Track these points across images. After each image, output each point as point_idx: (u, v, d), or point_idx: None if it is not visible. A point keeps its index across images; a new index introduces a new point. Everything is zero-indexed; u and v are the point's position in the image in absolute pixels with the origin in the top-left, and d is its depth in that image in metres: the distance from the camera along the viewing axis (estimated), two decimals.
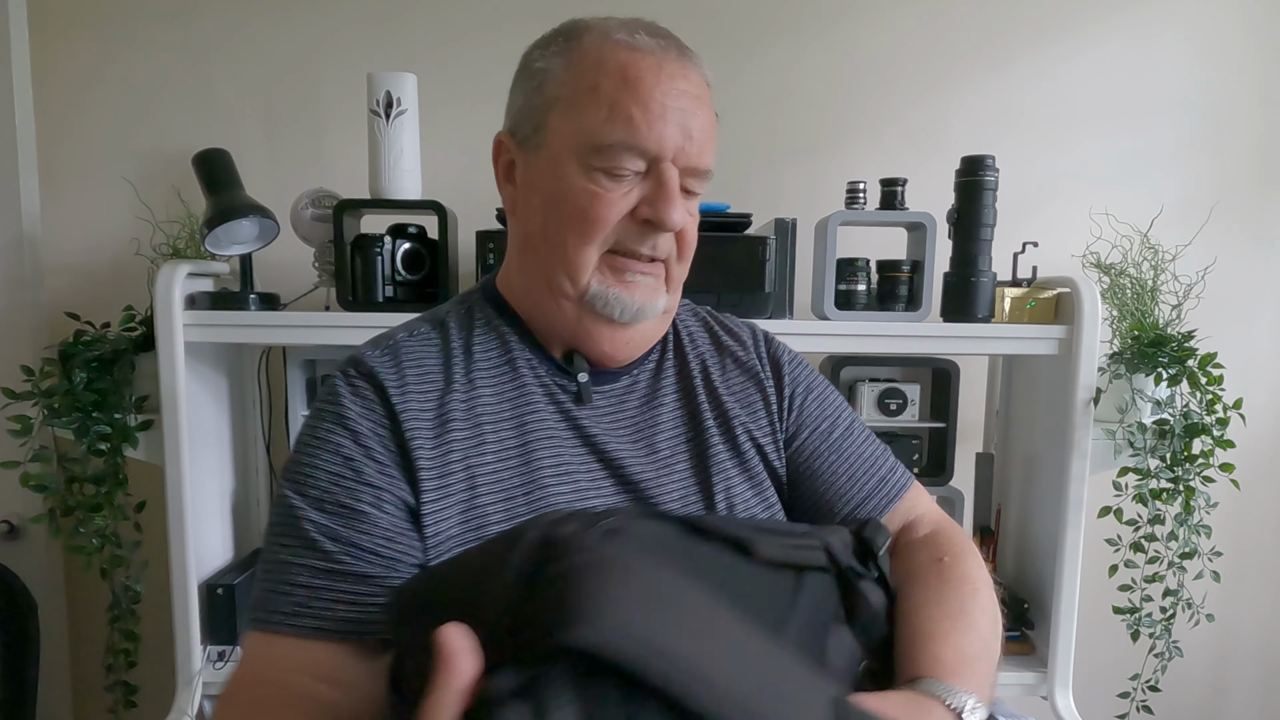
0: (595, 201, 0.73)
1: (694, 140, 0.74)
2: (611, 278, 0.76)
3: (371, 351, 0.78)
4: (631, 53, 0.73)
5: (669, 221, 0.74)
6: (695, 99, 0.74)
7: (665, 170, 0.73)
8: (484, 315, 0.82)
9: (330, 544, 0.70)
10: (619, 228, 0.75)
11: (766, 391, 0.87)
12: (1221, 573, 1.58)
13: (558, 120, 0.75)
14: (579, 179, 0.74)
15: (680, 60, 0.75)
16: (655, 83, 0.72)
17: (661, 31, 0.76)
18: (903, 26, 1.80)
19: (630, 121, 0.72)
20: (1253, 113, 1.81)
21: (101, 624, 1.64)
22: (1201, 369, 1.46)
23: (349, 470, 0.72)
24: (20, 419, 1.48)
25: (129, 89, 1.77)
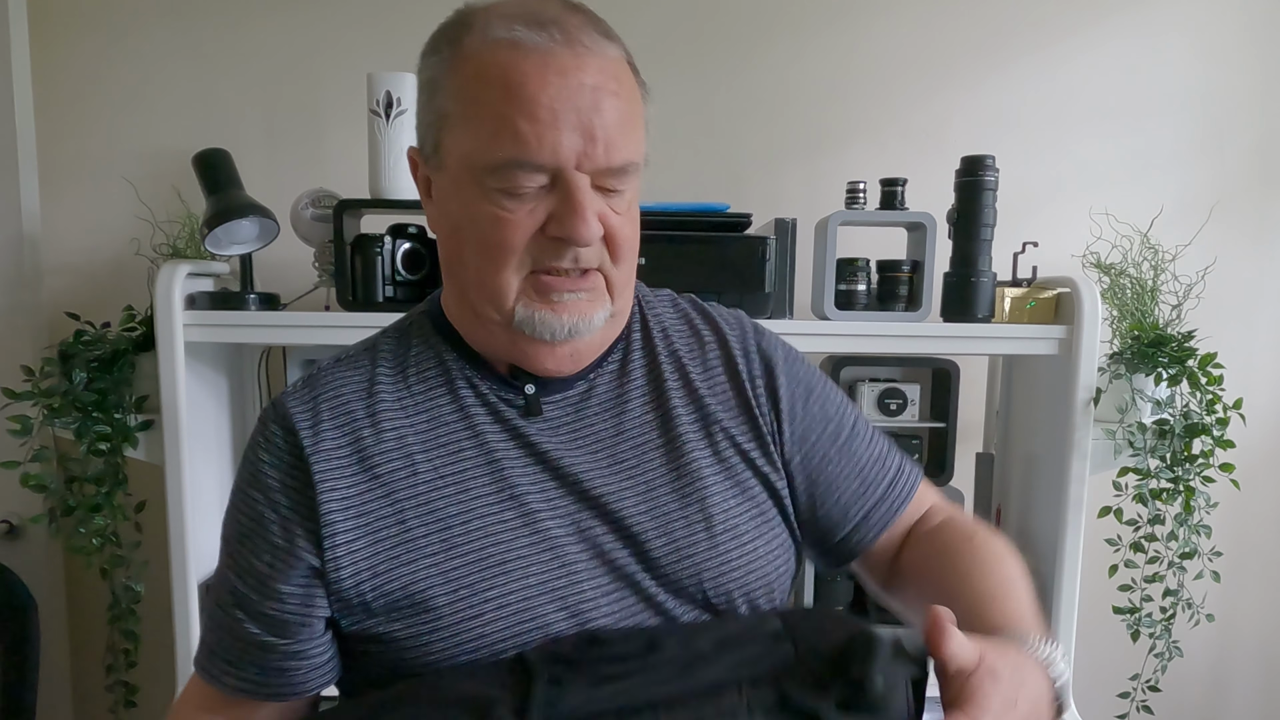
0: (499, 226, 0.67)
1: (598, 140, 0.65)
2: (538, 300, 0.69)
3: (292, 390, 0.75)
4: (512, 53, 0.65)
5: (579, 237, 0.66)
6: (594, 90, 0.65)
7: (570, 180, 0.65)
8: (421, 335, 0.77)
9: (239, 611, 0.72)
10: (532, 247, 0.67)
11: (756, 389, 0.79)
12: (1221, 573, 1.58)
13: (450, 139, 0.69)
14: (479, 202, 0.67)
15: (571, 49, 0.65)
16: (541, 86, 0.64)
17: (549, 17, 0.66)
18: (903, 26, 1.80)
19: (517, 136, 0.64)
20: (1253, 113, 1.81)
21: (101, 624, 1.64)
22: (1201, 369, 1.46)
23: (257, 526, 0.72)
24: (20, 419, 1.48)
25: (129, 89, 1.77)
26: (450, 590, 0.69)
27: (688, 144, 1.77)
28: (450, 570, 0.69)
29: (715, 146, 1.80)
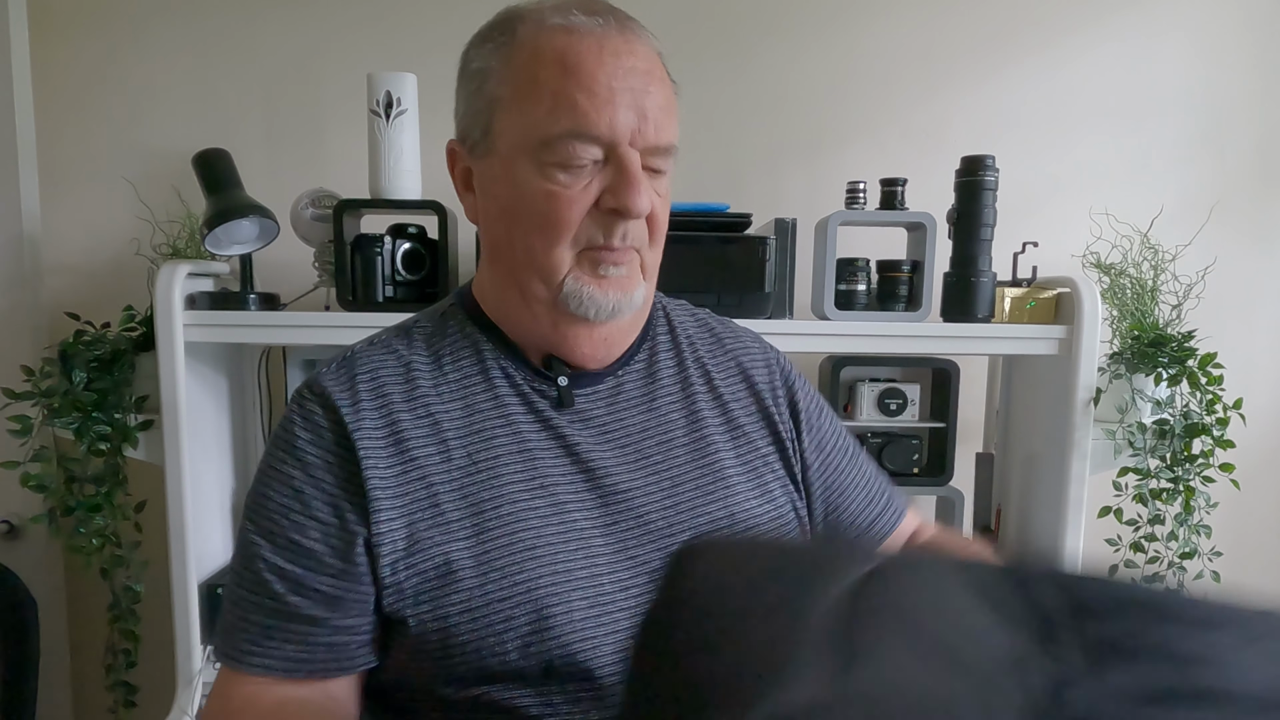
0: (555, 201, 0.69)
1: (649, 118, 0.69)
2: (587, 275, 0.72)
3: (327, 370, 0.75)
4: (568, 36, 0.68)
5: (635, 208, 0.69)
6: (645, 74, 0.69)
7: (624, 155, 0.69)
8: (458, 323, 0.79)
9: (279, 584, 0.70)
10: (586, 223, 0.70)
11: (778, 398, 0.84)
12: (1221, 573, 1.58)
13: (503, 121, 0.71)
14: (535, 179, 0.70)
15: (623, 34, 0.70)
16: (598, 64, 0.67)
17: (600, 7, 0.70)
18: (903, 27, 1.80)
19: (576, 109, 0.67)
20: (1253, 113, 1.81)
21: (101, 624, 1.64)
22: (1201, 369, 1.46)
23: (298, 504, 0.71)
24: (20, 419, 1.48)
25: (129, 89, 1.77)
26: (480, 573, 0.70)
27: (688, 144, 1.76)
28: (481, 553, 0.70)
29: (715, 146, 1.80)
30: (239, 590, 0.72)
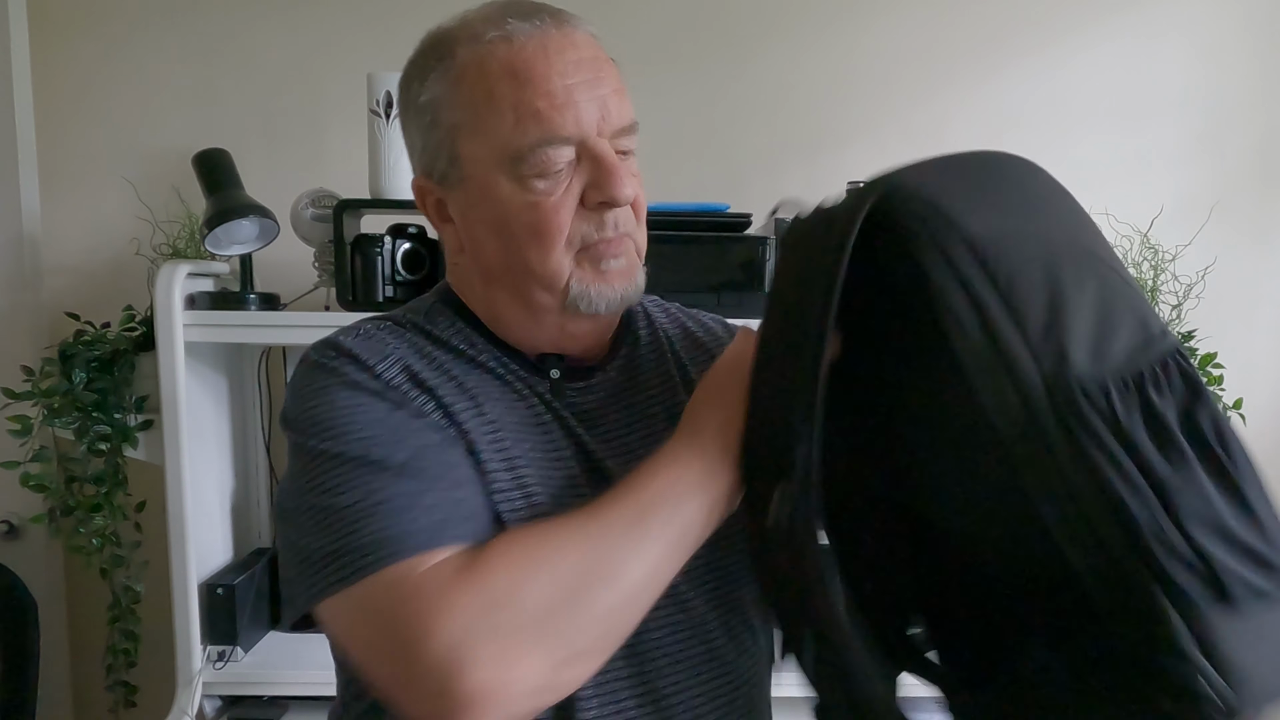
0: (541, 210, 0.69)
1: (609, 105, 0.69)
2: (590, 274, 0.72)
3: (344, 337, 0.74)
4: (509, 45, 0.68)
5: (622, 195, 0.69)
6: (592, 61, 0.69)
7: (596, 147, 0.69)
8: (447, 319, 0.78)
9: (419, 460, 0.66)
10: (576, 223, 0.70)
11: None
12: None
13: (469, 146, 0.70)
14: (516, 194, 0.69)
15: (560, 29, 0.69)
16: (548, 66, 0.67)
17: (529, 9, 0.70)
18: (903, 27, 1.80)
19: (539, 116, 0.67)
20: (1253, 113, 1.81)
21: (101, 624, 1.64)
22: (1201, 369, 1.46)
23: (391, 417, 0.68)
24: (20, 419, 1.48)
25: (129, 89, 1.77)
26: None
27: (688, 144, 1.77)
28: (527, 519, 0.70)
29: (715, 146, 1.80)
30: (374, 498, 0.63)
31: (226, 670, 1.52)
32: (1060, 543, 0.55)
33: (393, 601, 0.59)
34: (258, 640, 1.62)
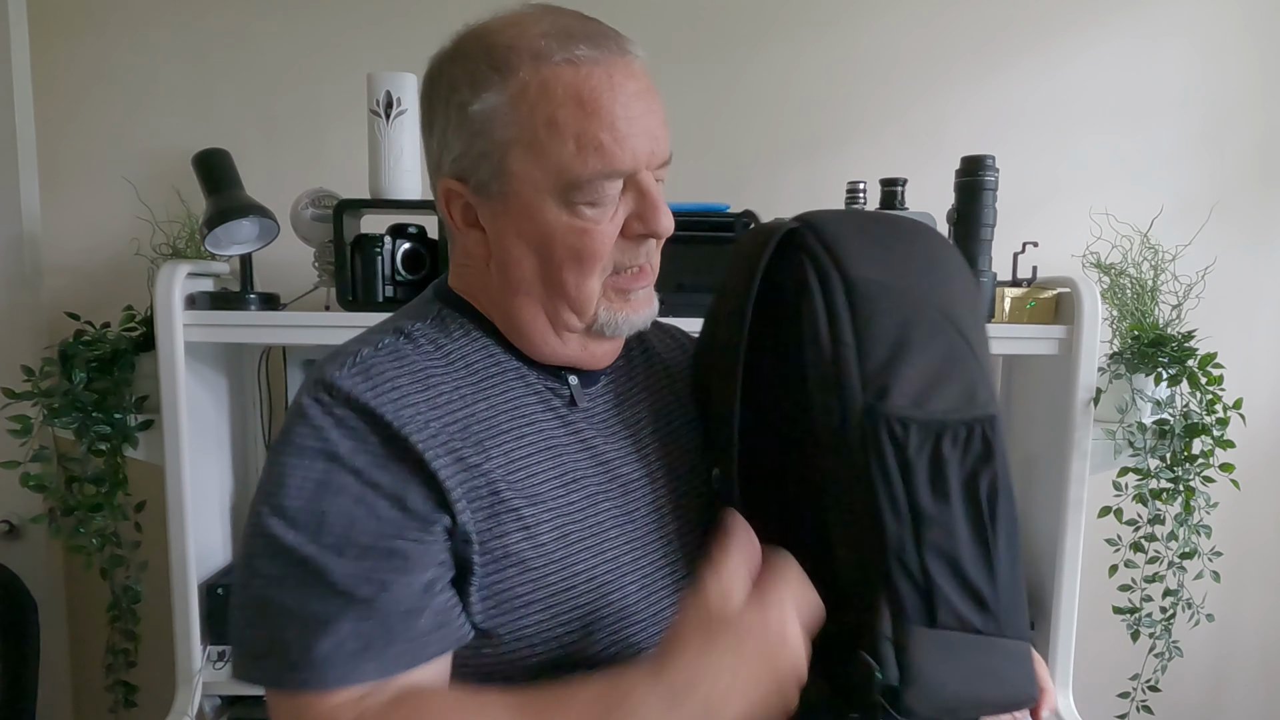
0: (587, 237, 0.70)
1: (658, 139, 0.71)
2: (618, 301, 0.74)
3: (340, 373, 0.69)
4: (575, 70, 0.68)
5: (664, 229, 0.72)
6: (647, 93, 0.71)
7: (644, 180, 0.71)
8: (461, 326, 0.76)
9: (366, 589, 0.64)
10: (614, 251, 0.72)
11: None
12: (1221, 573, 1.58)
13: (519, 164, 0.69)
14: (562, 217, 0.70)
15: (622, 57, 0.70)
16: (613, 99, 0.68)
17: (595, 31, 0.70)
18: (903, 26, 1.80)
19: (603, 150, 0.68)
20: (1253, 113, 1.81)
21: (101, 624, 1.64)
22: (1201, 369, 1.46)
23: (368, 514, 0.66)
24: (20, 419, 1.48)
25: (129, 89, 1.77)
26: (539, 565, 0.71)
27: (688, 144, 1.76)
28: (536, 545, 0.71)
29: (715, 146, 1.80)
30: (304, 612, 0.64)
31: (226, 670, 1.52)
32: (833, 538, 0.70)
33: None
34: None
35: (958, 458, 0.67)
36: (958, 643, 0.68)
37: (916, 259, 0.73)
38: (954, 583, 0.67)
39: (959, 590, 0.67)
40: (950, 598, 0.67)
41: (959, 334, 0.71)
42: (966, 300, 0.74)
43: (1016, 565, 0.70)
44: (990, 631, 0.68)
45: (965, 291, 0.74)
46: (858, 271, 0.69)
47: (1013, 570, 0.69)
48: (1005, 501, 0.68)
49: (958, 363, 0.70)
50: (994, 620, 0.68)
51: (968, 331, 0.72)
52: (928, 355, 0.68)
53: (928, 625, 0.68)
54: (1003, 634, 0.69)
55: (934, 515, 0.66)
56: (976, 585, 0.67)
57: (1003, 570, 0.68)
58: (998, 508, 0.68)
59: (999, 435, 0.68)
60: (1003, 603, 0.68)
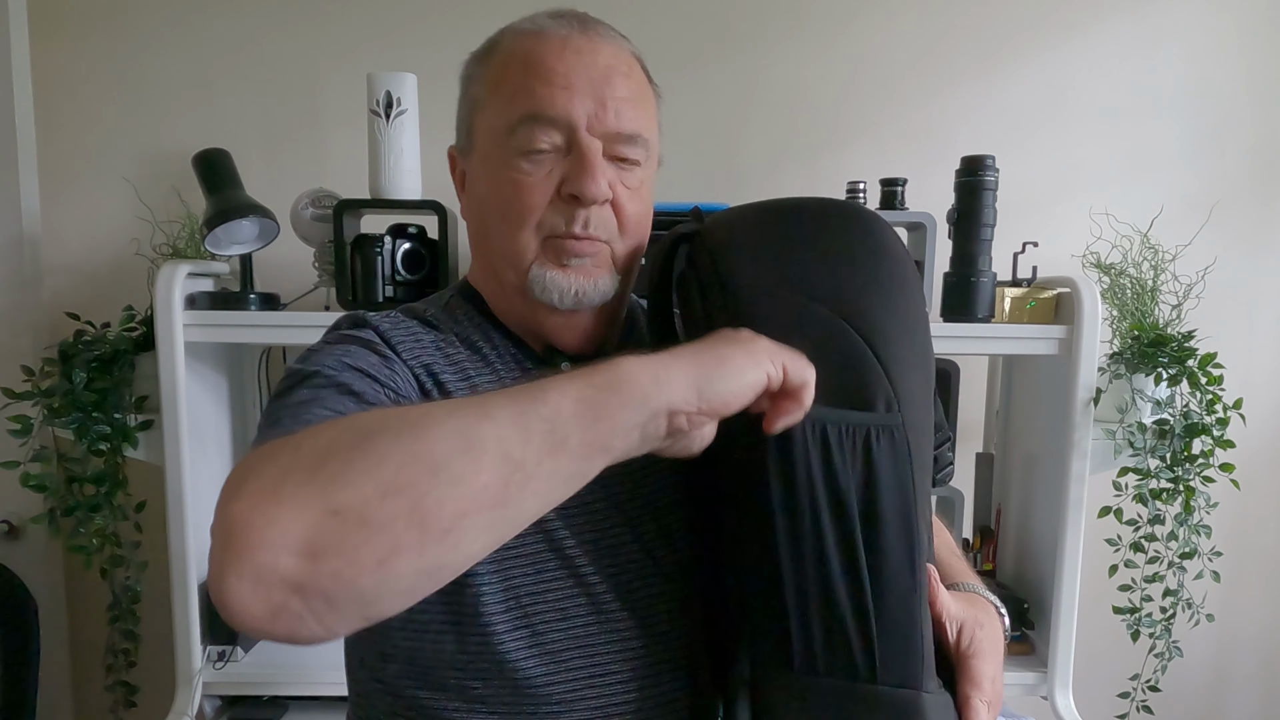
0: (518, 188, 0.72)
1: (608, 106, 0.72)
2: (550, 261, 0.74)
3: (372, 313, 0.77)
4: (535, 39, 0.74)
5: (589, 192, 0.71)
6: (606, 67, 0.73)
7: (582, 140, 0.71)
8: (466, 314, 0.81)
9: (343, 375, 0.66)
10: (549, 210, 0.73)
11: None
12: (1221, 573, 1.58)
13: (480, 120, 0.76)
14: (502, 169, 0.73)
15: (586, 35, 0.74)
16: (558, 59, 0.72)
17: (568, 14, 0.75)
18: (904, 27, 1.80)
19: (533, 94, 0.71)
20: (1252, 113, 1.81)
21: (101, 624, 1.64)
22: (1201, 369, 1.46)
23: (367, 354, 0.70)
24: (20, 419, 1.48)
25: (129, 89, 1.77)
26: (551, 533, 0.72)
27: (689, 144, 1.77)
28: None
29: (716, 146, 1.80)
30: (278, 410, 0.63)
31: (226, 670, 1.53)
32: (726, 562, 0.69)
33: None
34: (257, 640, 1.62)
35: (821, 471, 0.61)
36: (818, 691, 0.61)
37: (816, 256, 0.68)
38: (819, 620, 0.61)
39: (824, 629, 0.61)
40: (812, 637, 0.61)
41: (855, 332, 0.64)
42: (878, 293, 0.66)
43: (914, 602, 0.62)
44: (862, 679, 0.61)
45: (878, 284, 0.67)
46: (737, 277, 0.67)
47: (907, 607, 0.62)
48: (896, 526, 0.61)
49: (846, 355, 0.64)
50: (870, 666, 0.61)
51: (869, 327, 0.65)
52: (811, 359, 0.61)
53: (784, 668, 0.62)
54: (878, 682, 0.61)
55: (796, 537, 0.61)
56: (845, 624, 0.61)
57: (888, 607, 0.61)
58: (881, 532, 0.61)
59: (886, 447, 0.62)
60: (884, 646, 0.61)
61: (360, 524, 0.45)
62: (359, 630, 0.50)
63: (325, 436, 0.50)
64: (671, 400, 0.54)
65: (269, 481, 0.47)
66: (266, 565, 0.45)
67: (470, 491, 0.48)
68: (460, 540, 0.48)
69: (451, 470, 0.47)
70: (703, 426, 0.57)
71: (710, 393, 0.55)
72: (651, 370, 0.54)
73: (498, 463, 0.48)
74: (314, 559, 0.45)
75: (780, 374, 0.57)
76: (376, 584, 0.46)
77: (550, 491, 0.52)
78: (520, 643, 0.70)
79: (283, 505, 0.46)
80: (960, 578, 0.79)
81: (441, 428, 0.49)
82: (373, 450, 0.48)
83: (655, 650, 0.73)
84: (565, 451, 0.51)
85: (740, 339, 0.59)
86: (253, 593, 0.45)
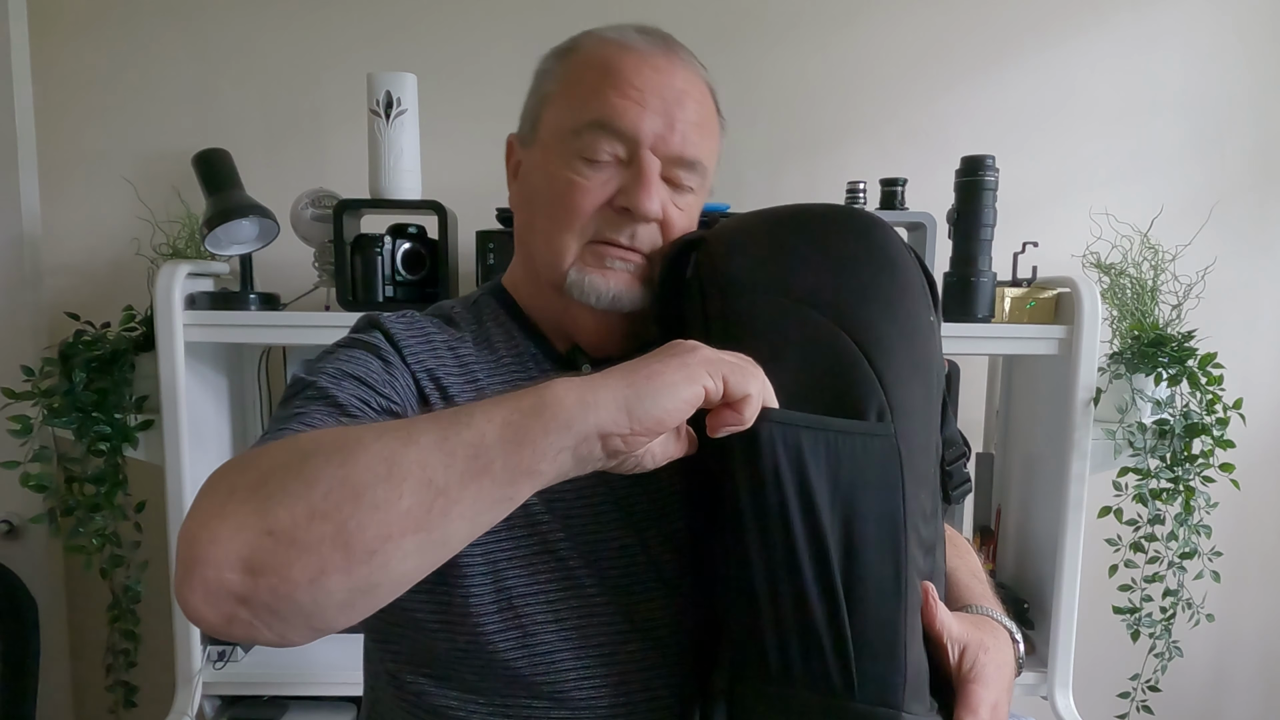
0: (573, 189, 0.73)
1: (676, 129, 0.73)
2: (591, 264, 0.75)
3: (387, 315, 0.78)
4: (619, 49, 0.74)
5: (643, 208, 0.72)
6: (681, 91, 0.74)
7: (643, 157, 0.73)
8: (492, 312, 0.82)
9: (342, 387, 0.67)
10: (597, 217, 0.74)
11: None
12: (1221, 573, 1.58)
13: (548, 115, 0.77)
14: (561, 169, 0.74)
15: (668, 57, 0.75)
16: (636, 72, 0.73)
17: (655, 32, 0.77)
18: (903, 27, 1.80)
19: (606, 102, 0.72)
20: (1252, 113, 1.81)
21: (101, 624, 1.64)
22: (1201, 369, 1.46)
23: (370, 361, 0.71)
24: (20, 419, 1.48)
25: (129, 89, 1.77)
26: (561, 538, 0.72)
27: None
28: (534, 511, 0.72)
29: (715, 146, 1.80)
30: (274, 419, 0.67)
31: (226, 670, 1.53)
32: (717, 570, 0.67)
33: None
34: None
35: (792, 479, 0.59)
36: (794, 703, 0.60)
37: (818, 263, 0.67)
38: (794, 632, 0.59)
39: (800, 642, 0.59)
40: (788, 649, 0.60)
41: (851, 340, 0.64)
42: (878, 301, 0.66)
43: (898, 618, 0.60)
44: (839, 694, 0.59)
45: (879, 292, 0.67)
46: (737, 282, 0.67)
47: (889, 623, 0.60)
48: (880, 540, 0.59)
49: (832, 366, 0.62)
50: (846, 682, 0.59)
51: (866, 335, 0.64)
52: (802, 365, 0.61)
53: (761, 680, 0.60)
54: (855, 699, 0.59)
55: (767, 546, 0.59)
56: (819, 637, 0.59)
57: (868, 623, 0.59)
58: (862, 546, 0.59)
59: (872, 457, 0.60)
60: (862, 662, 0.59)
61: (290, 544, 0.48)
62: (351, 626, 0.53)
63: (270, 458, 0.53)
64: (600, 423, 0.53)
65: (217, 500, 0.51)
66: (213, 580, 0.48)
67: (392, 516, 0.49)
68: (387, 562, 0.49)
69: (373, 495, 0.49)
70: (643, 445, 0.56)
71: (640, 412, 0.54)
72: (578, 393, 0.53)
73: (419, 488, 0.49)
74: (253, 575, 0.48)
75: (719, 386, 0.56)
76: (312, 600, 0.49)
77: (477, 515, 0.52)
78: (510, 642, 0.70)
79: (225, 523, 0.49)
80: (976, 600, 0.76)
81: (367, 453, 0.50)
82: (305, 473, 0.50)
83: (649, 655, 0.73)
84: (489, 476, 0.51)
85: (679, 351, 0.58)
86: (204, 603, 0.49)
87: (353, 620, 0.52)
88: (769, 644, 0.60)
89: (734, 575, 0.62)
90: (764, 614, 0.60)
